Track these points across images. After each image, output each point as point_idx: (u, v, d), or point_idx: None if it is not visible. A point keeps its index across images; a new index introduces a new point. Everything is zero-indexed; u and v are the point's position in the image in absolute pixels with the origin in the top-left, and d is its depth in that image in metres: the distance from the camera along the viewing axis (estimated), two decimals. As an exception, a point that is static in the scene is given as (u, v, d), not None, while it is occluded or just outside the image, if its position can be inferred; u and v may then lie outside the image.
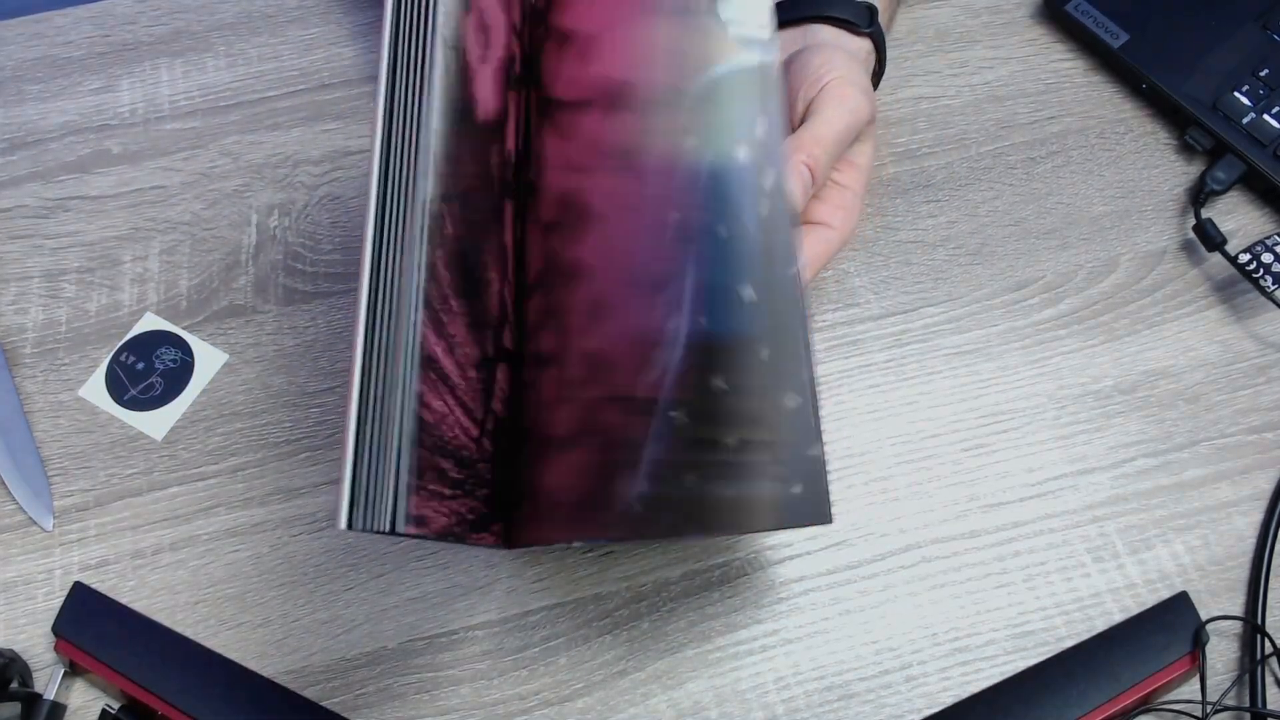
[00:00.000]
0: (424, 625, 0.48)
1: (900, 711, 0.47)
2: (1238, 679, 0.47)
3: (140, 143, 0.60)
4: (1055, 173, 0.59)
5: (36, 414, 0.53)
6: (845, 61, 0.51)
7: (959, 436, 0.52)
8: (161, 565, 0.50)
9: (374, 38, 0.64)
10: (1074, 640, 0.48)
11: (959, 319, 0.55)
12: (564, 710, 0.47)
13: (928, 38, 0.64)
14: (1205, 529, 0.50)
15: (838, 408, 0.53)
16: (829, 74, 0.50)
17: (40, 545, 0.50)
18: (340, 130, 0.61)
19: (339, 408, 0.53)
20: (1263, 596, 0.48)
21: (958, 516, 0.51)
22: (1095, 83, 0.62)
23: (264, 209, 0.58)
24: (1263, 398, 0.53)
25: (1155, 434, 0.52)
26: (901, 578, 0.49)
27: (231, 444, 0.52)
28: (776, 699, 0.47)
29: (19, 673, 0.46)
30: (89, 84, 0.62)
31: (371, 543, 0.50)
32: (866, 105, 0.50)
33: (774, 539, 0.50)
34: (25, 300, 0.56)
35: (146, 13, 0.65)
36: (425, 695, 0.47)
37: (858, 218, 0.51)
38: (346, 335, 0.55)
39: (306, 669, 0.47)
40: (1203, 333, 0.55)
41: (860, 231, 0.57)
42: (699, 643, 0.48)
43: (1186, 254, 0.57)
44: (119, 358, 0.54)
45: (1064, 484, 0.51)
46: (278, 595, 0.49)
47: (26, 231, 0.58)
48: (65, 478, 0.52)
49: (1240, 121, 0.58)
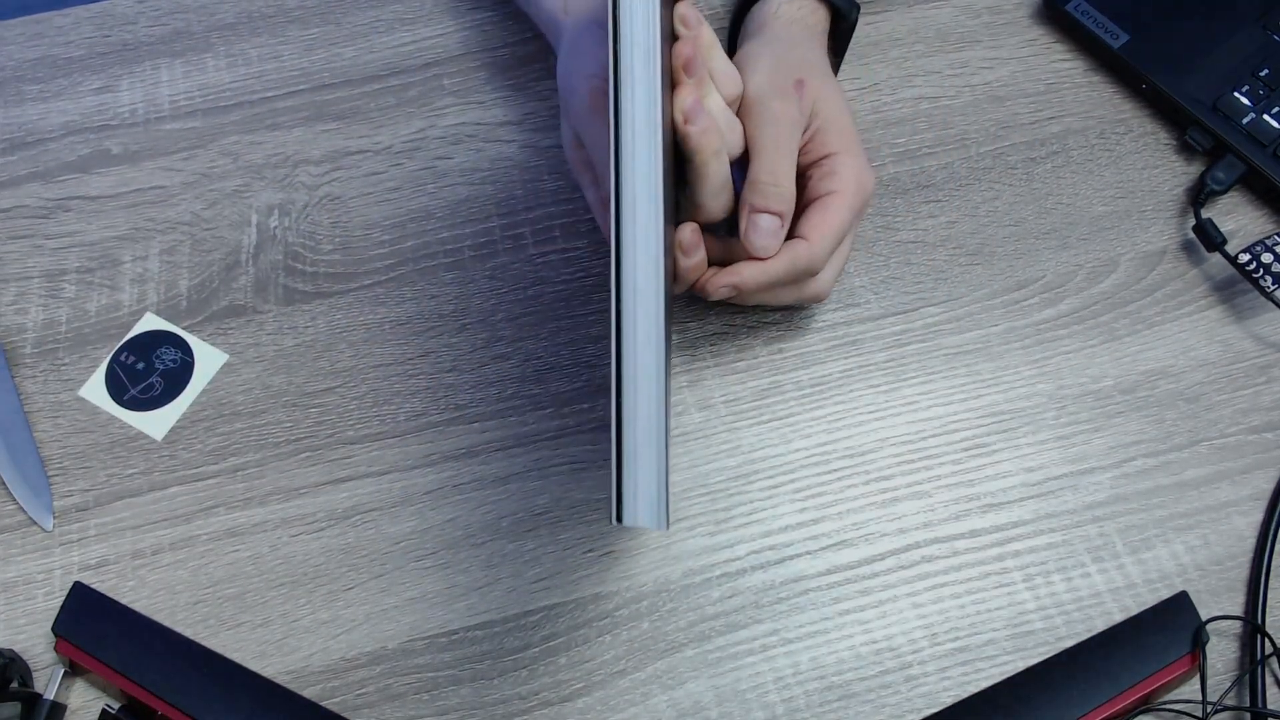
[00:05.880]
0: (424, 625, 0.48)
1: (900, 711, 0.47)
2: (1238, 679, 0.47)
3: (140, 143, 0.60)
4: (1055, 173, 0.59)
5: (36, 414, 0.53)
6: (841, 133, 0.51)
7: (959, 436, 0.52)
8: (161, 565, 0.50)
9: (374, 38, 0.64)
10: (1074, 640, 0.48)
11: (959, 319, 0.55)
12: (564, 710, 0.47)
13: (928, 38, 0.64)
14: (1205, 529, 0.50)
15: (838, 408, 0.53)
16: (837, 169, 0.50)
17: (40, 545, 0.50)
18: (340, 130, 0.61)
19: (339, 408, 0.53)
20: (1263, 596, 0.48)
21: (958, 516, 0.51)
22: (1095, 83, 0.62)
23: (264, 209, 0.58)
24: (1263, 398, 0.53)
25: (1155, 434, 0.52)
26: (901, 578, 0.49)
27: (231, 444, 0.52)
28: (776, 699, 0.47)
29: (19, 673, 0.46)
30: (89, 84, 0.62)
31: (371, 542, 0.50)
32: (867, 184, 0.50)
33: (774, 539, 0.50)
34: (25, 300, 0.56)
35: (146, 13, 0.65)
36: (425, 695, 0.47)
37: (859, 172, 0.50)
38: (346, 335, 0.55)
39: (306, 669, 0.47)
40: (1203, 333, 0.55)
41: (860, 231, 0.57)
42: (699, 643, 0.48)
43: (1186, 254, 0.57)
44: (119, 358, 0.54)
45: (1064, 484, 0.51)
46: (278, 595, 0.49)
47: (26, 231, 0.58)
48: (65, 478, 0.52)
49: (1240, 121, 0.58)
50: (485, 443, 0.52)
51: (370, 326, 0.55)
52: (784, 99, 0.48)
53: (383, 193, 0.59)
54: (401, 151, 0.60)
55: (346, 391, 0.53)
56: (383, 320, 0.55)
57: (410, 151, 0.60)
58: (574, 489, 0.51)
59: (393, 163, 0.60)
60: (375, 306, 0.56)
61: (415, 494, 0.51)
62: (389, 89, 0.62)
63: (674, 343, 0.55)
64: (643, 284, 0.38)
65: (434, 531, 0.50)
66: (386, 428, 0.53)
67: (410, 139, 0.60)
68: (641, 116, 0.39)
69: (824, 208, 0.49)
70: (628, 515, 0.37)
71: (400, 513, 0.51)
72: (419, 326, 0.55)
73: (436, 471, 0.52)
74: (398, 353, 0.54)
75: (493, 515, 0.51)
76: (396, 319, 0.55)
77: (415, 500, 0.51)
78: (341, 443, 0.52)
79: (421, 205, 0.58)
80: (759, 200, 0.47)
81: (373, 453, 0.52)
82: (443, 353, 0.54)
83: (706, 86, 0.46)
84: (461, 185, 0.59)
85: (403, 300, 0.56)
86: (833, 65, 0.58)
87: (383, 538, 0.50)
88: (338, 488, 0.51)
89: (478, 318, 0.55)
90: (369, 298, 0.56)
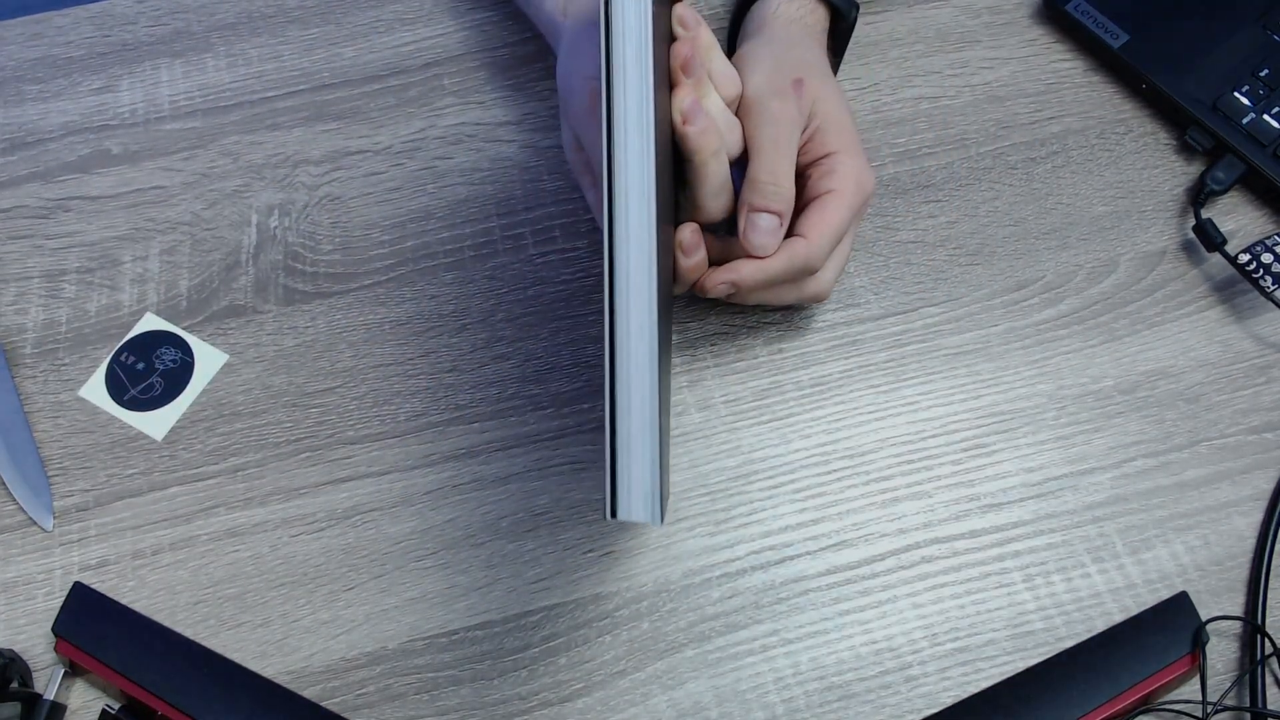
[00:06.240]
0: (424, 625, 0.48)
1: (900, 711, 0.47)
2: (1238, 679, 0.47)
3: (140, 143, 0.60)
4: (1055, 173, 0.59)
5: (36, 414, 0.53)
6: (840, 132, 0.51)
7: (959, 436, 0.52)
8: (161, 565, 0.50)
9: (374, 38, 0.64)
10: (1074, 640, 0.48)
11: (959, 319, 0.55)
12: (564, 710, 0.47)
13: (928, 38, 0.64)
14: (1205, 529, 0.50)
15: (838, 408, 0.53)
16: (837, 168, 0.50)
17: (40, 545, 0.50)
18: (340, 130, 0.61)
19: (339, 408, 0.53)
20: (1263, 596, 0.48)
21: (958, 516, 0.51)
22: (1095, 83, 0.62)
23: (264, 209, 0.58)
24: (1263, 398, 0.53)
25: (1155, 434, 0.52)
26: (901, 578, 0.49)
27: (231, 444, 0.52)
28: (776, 699, 0.47)
29: (19, 673, 0.46)
30: (89, 84, 0.62)
31: (371, 542, 0.50)
32: (867, 183, 0.50)
33: (774, 539, 0.50)
34: (25, 300, 0.56)
35: (146, 13, 0.65)
36: (425, 695, 0.47)
37: (859, 171, 0.50)
38: (346, 335, 0.55)
39: (306, 669, 0.47)
40: (1203, 333, 0.55)
41: (860, 231, 0.57)
42: (699, 643, 0.48)
43: (1186, 254, 0.57)
44: (119, 358, 0.54)
45: (1064, 484, 0.51)
46: (278, 595, 0.49)
47: (26, 231, 0.58)
48: (65, 478, 0.52)
49: (1240, 121, 0.58)
50: (485, 443, 0.52)
51: (370, 326, 0.55)
52: (782, 98, 0.48)
53: (383, 193, 0.59)
54: (401, 151, 0.60)
55: (346, 391, 0.53)
56: (383, 320, 0.55)
57: (410, 151, 0.60)
58: (574, 489, 0.51)
59: (393, 163, 0.60)
60: (375, 306, 0.56)
61: (415, 494, 0.51)
62: (389, 89, 0.62)
63: (674, 343, 0.55)
64: (636, 276, 0.38)
65: (434, 531, 0.50)
66: (386, 428, 0.53)
67: (410, 139, 0.60)
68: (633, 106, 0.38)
69: (822, 206, 0.49)
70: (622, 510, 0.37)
71: (400, 513, 0.51)
72: (419, 326, 0.55)
73: (436, 471, 0.52)
74: (398, 353, 0.54)
75: (493, 515, 0.51)
76: (396, 319, 0.55)
77: (415, 500, 0.51)
78: (341, 443, 0.52)
79: (421, 205, 0.58)
80: (757, 199, 0.47)
81: (373, 453, 0.52)
82: (443, 353, 0.54)
83: (705, 87, 0.46)
84: (461, 185, 0.59)
85: (403, 300, 0.56)
86: (832, 65, 0.58)
87: (383, 538, 0.50)
88: (338, 488, 0.51)
89: (478, 318, 0.55)
90: (369, 298, 0.56)
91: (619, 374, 0.38)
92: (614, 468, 0.38)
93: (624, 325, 0.38)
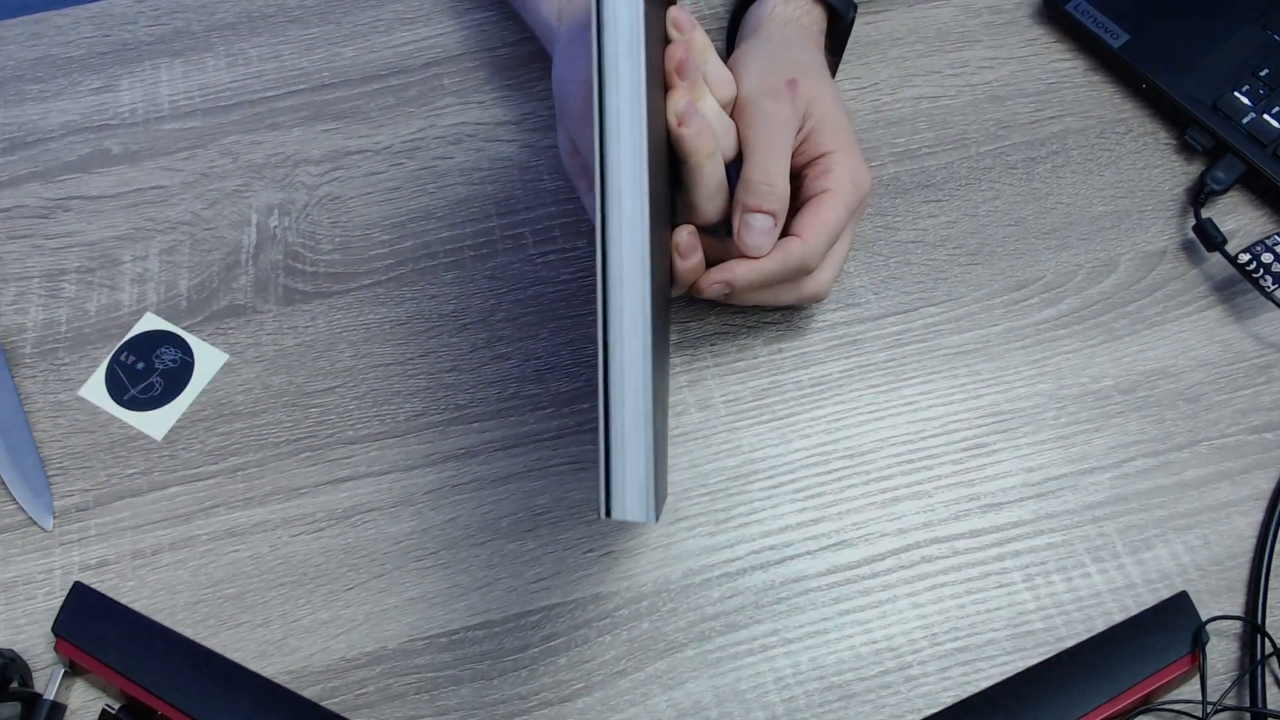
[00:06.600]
0: (424, 625, 0.48)
1: (900, 711, 0.47)
2: (1238, 679, 0.47)
3: (140, 143, 0.60)
4: (1055, 173, 0.59)
5: (36, 414, 0.53)
6: (836, 132, 0.50)
7: (959, 436, 0.52)
8: (161, 565, 0.50)
9: (374, 37, 0.64)
10: (1074, 640, 0.48)
11: (959, 319, 0.55)
12: (564, 710, 0.47)
13: (928, 37, 0.64)
14: (1205, 529, 0.50)
15: (838, 408, 0.53)
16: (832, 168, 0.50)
17: (40, 545, 0.50)
18: (340, 130, 0.61)
19: (339, 408, 0.53)
20: (1263, 596, 0.48)
21: (958, 516, 0.51)
22: (1095, 83, 0.62)
23: (264, 209, 0.58)
24: (1263, 398, 0.53)
25: (1155, 434, 0.52)
26: (901, 578, 0.49)
27: (231, 444, 0.52)
28: (776, 699, 0.47)
29: (19, 673, 0.46)
30: (89, 84, 0.62)
31: (372, 543, 0.50)
32: (863, 182, 0.50)
33: (774, 539, 0.50)
34: (25, 300, 0.56)
35: (146, 13, 0.65)
36: (425, 695, 0.47)
37: (855, 170, 0.50)
38: (346, 335, 0.55)
39: (306, 669, 0.47)
40: (1203, 333, 0.55)
41: (860, 231, 0.57)
42: (699, 642, 0.48)
43: (1186, 254, 0.57)
44: (119, 358, 0.54)
45: (1064, 484, 0.51)
46: (277, 595, 0.49)
47: (26, 231, 0.58)
48: (65, 478, 0.52)
49: (1240, 121, 0.58)
50: (485, 443, 0.52)
51: (370, 326, 0.55)
52: (776, 99, 0.48)
53: (383, 193, 0.59)
54: (401, 151, 0.60)
55: (346, 391, 0.53)
56: (383, 320, 0.55)
57: (410, 151, 0.60)
58: (574, 489, 0.51)
59: (393, 163, 0.60)
60: (375, 306, 0.56)
61: (415, 494, 0.51)
62: (389, 89, 0.62)
63: (674, 343, 0.55)
64: (629, 273, 0.38)
65: (434, 531, 0.50)
66: (386, 428, 0.53)
67: (410, 139, 0.60)
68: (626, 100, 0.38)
69: (818, 206, 0.49)
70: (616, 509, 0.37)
71: (400, 513, 0.51)
72: (419, 326, 0.55)
73: (436, 471, 0.52)
74: (398, 353, 0.54)
75: (493, 515, 0.51)
76: (396, 319, 0.55)
77: (415, 500, 0.51)
78: (341, 443, 0.52)
79: (421, 205, 0.58)
80: (752, 200, 0.47)
81: (373, 453, 0.52)
82: (443, 353, 0.54)
83: (700, 89, 0.46)
84: (461, 185, 0.59)
85: (403, 300, 0.56)
86: (831, 65, 0.58)
87: (383, 538, 0.50)
88: (338, 488, 0.51)
89: (478, 318, 0.55)
90: (369, 298, 0.56)
91: (612, 374, 0.37)
92: (608, 468, 0.37)
93: (617, 324, 0.38)
